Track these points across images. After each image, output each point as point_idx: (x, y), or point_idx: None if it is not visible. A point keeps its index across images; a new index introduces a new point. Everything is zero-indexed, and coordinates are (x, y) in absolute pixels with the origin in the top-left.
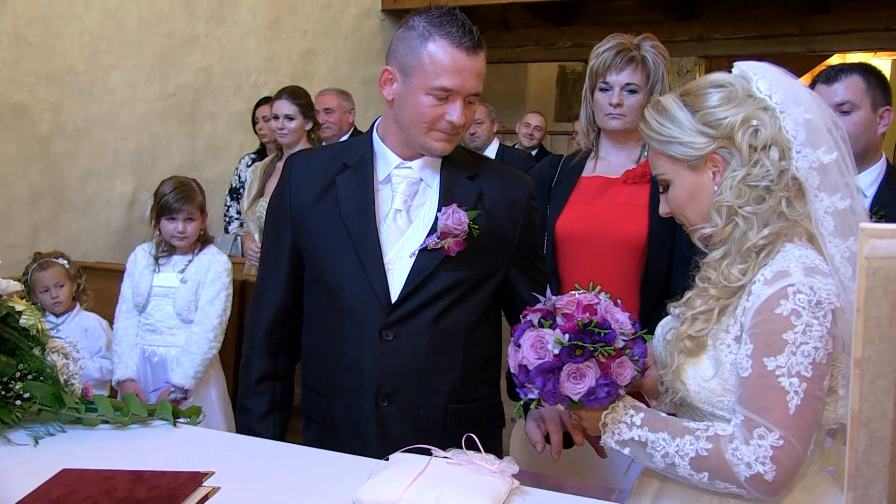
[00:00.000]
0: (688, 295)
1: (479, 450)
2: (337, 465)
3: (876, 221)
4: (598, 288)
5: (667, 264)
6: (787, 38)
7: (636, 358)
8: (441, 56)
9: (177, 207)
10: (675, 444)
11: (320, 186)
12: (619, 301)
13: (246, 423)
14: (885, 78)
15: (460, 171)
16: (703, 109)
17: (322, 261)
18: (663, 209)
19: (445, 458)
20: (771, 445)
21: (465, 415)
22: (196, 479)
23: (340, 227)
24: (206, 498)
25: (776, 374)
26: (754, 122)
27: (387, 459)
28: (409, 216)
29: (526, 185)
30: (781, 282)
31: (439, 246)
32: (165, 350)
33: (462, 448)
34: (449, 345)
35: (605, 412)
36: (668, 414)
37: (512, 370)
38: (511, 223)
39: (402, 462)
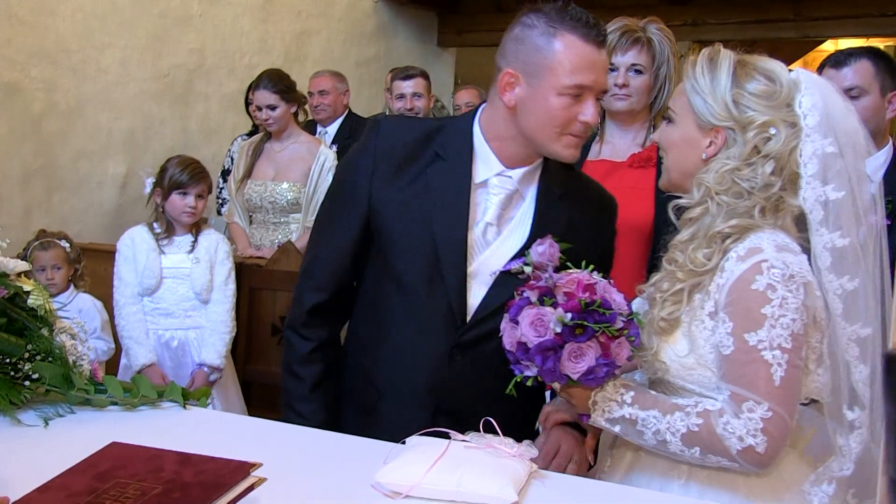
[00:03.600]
0: (655, 277)
1: (497, 433)
2: (352, 447)
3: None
4: (591, 267)
5: None
6: (781, 23)
7: (633, 339)
8: (572, 52)
9: (191, 183)
10: (665, 421)
11: (409, 172)
12: (611, 280)
13: (299, 391)
14: (894, 63)
15: (554, 188)
16: (741, 88)
17: (398, 255)
18: (657, 136)
19: (464, 441)
20: (761, 417)
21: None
22: (243, 468)
23: (426, 226)
24: (251, 488)
25: (758, 348)
26: (772, 131)
27: (403, 443)
28: (498, 228)
29: (612, 208)
30: (755, 257)
31: (525, 276)
32: (184, 333)
33: (480, 432)
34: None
35: (596, 391)
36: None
37: (507, 347)
38: (592, 253)
39: (420, 445)
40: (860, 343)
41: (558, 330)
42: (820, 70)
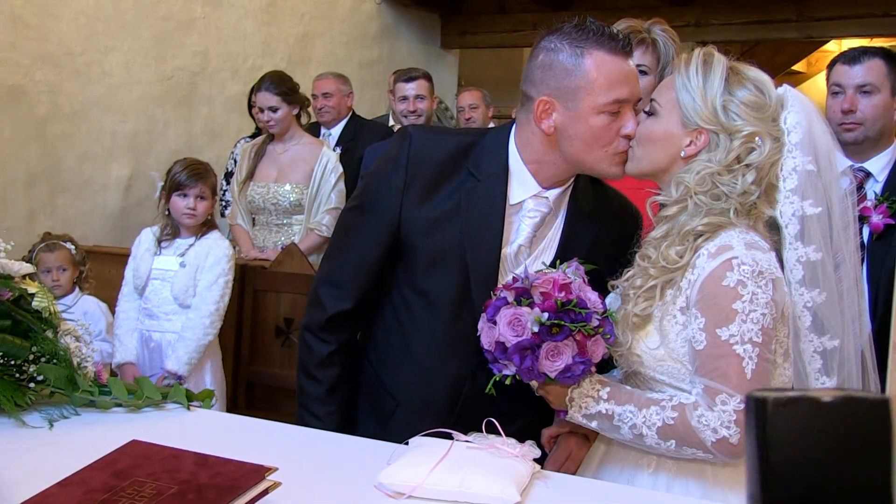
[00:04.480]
0: (629, 272)
1: (499, 434)
2: (358, 450)
3: (887, 207)
4: (564, 266)
5: None
6: (784, 23)
7: (608, 336)
8: (604, 69)
9: (189, 183)
10: (641, 416)
11: (442, 191)
12: (586, 277)
13: (316, 393)
14: None
15: (583, 206)
16: (732, 95)
17: (427, 273)
18: (634, 128)
19: (467, 441)
20: (734, 409)
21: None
22: (259, 472)
23: (458, 247)
24: (265, 492)
25: (730, 342)
26: (758, 141)
27: (406, 443)
28: (530, 249)
29: (636, 220)
30: (725, 254)
31: None
32: (161, 335)
33: (483, 432)
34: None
35: (572, 387)
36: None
37: (486, 346)
38: (614, 266)
39: (424, 446)
40: (824, 355)
41: (536, 330)
42: (831, 66)
